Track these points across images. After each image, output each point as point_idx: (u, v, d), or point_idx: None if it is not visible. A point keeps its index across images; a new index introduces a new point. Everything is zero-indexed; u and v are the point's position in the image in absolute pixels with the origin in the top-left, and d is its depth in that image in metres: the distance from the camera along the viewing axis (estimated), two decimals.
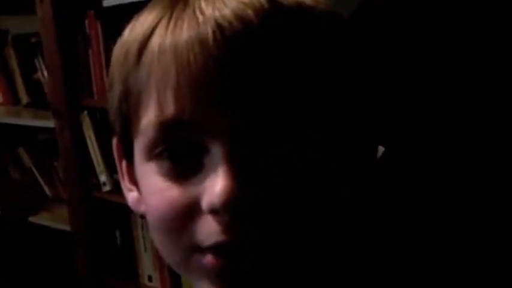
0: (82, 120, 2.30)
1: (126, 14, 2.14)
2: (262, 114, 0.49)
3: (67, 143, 2.34)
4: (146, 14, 0.56)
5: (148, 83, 0.52)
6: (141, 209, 0.62)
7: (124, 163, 0.64)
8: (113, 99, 0.59)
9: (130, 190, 0.64)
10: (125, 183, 0.65)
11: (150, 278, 2.35)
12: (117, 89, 0.57)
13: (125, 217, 2.36)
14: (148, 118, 0.53)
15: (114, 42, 2.09)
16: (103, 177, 2.32)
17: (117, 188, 2.30)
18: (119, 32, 2.12)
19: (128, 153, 0.60)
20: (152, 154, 0.54)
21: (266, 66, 0.49)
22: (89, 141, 2.31)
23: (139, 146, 0.56)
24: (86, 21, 2.22)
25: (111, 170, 2.30)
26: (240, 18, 0.49)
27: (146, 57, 0.53)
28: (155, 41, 0.52)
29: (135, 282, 2.39)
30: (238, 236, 0.50)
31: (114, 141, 0.65)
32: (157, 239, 0.57)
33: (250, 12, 0.50)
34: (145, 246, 2.32)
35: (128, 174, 0.63)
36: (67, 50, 2.25)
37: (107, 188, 2.32)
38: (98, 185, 2.34)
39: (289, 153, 0.51)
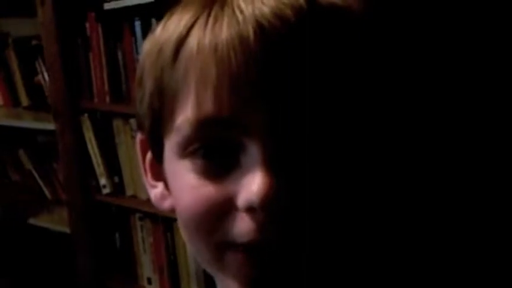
0: (82, 123, 2.30)
1: (127, 16, 2.15)
2: (299, 113, 0.50)
3: (67, 146, 2.35)
4: (180, 12, 0.56)
5: (185, 81, 0.53)
6: (165, 205, 0.62)
7: (148, 159, 0.64)
8: (143, 96, 0.59)
9: (153, 187, 0.64)
10: (148, 180, 0.65)
11: (149, 281, 2.35)
12: (148, 86, 0.58)
13: (124, 219, 2.36)
14: (185, 115, 0.53)
15: (114, 44, 2.10)
16: (103, 180, 2.32)
17: (117, 191, 2.31)
18: (119, 34, 2.13)
19: (155, 151, 0.60)
20: (186, 152, 0.54)
21: (302, 65, 0.50)
22: (89, 144, 2.31)
23: (171, 144, 0.56)
24: (87, 24, 2.22)
25: (111, 172, 2.31)
26: (280, 17, 0.50)
27: (184, 56, 0.53)
28: (193, 39, 0.53)
29: (135, 285, 2.39)
30: (272, 236, 0.51)
31: (138, 136, 0.65)
32: (188, 236, 0.57)
33: (289, 11, 0.50)
34: (145, 248, 2.32)
35: (152, 171, 0.64)
36: (68, 53, 2.26)
37: (106, 191, 2.32)
38: (98, 188, 2.34)
39: (325, 154, 0.51)
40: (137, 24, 2.05)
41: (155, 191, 0.64)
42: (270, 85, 0.49)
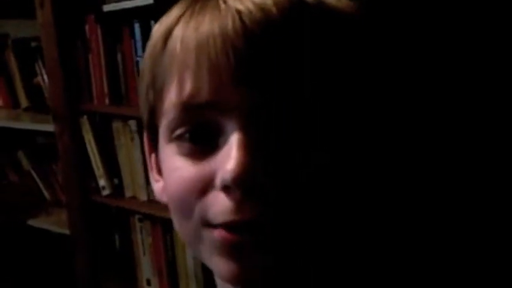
0: (82, 125, 2.30)
1: (126, 18, 2.15)
2: (275, 96, 0.51)
3: (66, 147, 2.35)
4: (174, 8, 0.59)
5: (170, 67, 0.56)
6: (165, 198, 0.63)
7: (153, 155, 0.65)
8: (142, 91, 0.62)
9: (157, 181, 0.66)
10: (153, 175, 0.66)
11: (148, 282, 2.35)
12: (145, 78, 0.60)
13: (124, 221, 2.36)
14: (170, 99, 0.55)
15: (113, 46, 2.10)
16: (102, 181, 2.32)
17: (116, 192, 2.31)
18: (118, 36, 2.13)
19: (154, 143, 0.62)
20: (173, 135, 0.56)
21: (282, 55, 0.51)
22: (88, 145, 2.31)
23: (162, 129, 0.58)
24: (86, 26, 2.22)
25: (110, 174, 2.31)
26: (261, 8, 0.52)
27: (170, 45, 0.56)
28: (179, 29, 0.56)
29: (134, 286, 2.39)
30: (249, 215, 0.51)
31: (145, 134, 0.66)
32: (175, 219, 0.59)
33: (271, 4, 0.52)
34: (144, 250, 2.33)
35: (156, 166, 0.65)
36: (67, 54, 2.26)
37: (106, 192, 2.33)
38: (97, 189, 2.34)
39: (301, 136, 0.52)
40: (136, 26, 2.05)
41: (158, 184, 0.65)
42: (245, 70, 0.51)
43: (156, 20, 0.60)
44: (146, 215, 2.24)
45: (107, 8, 2.11)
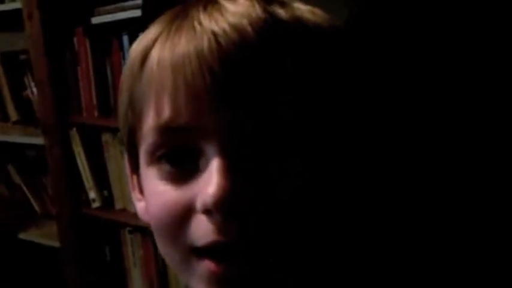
0: (71, 137, 2.30)
1: (115, 31, 2.15)
2: (252, 117, 0.51)
3: (56, 160, 2.34)
4: (152, 27, 0.59)
5: (148, 90, 0.55)
6: (147, 218, 0.62)
7: (135, 176, 0.65)
8: (121, 110, 0.61)
9: (139, 200, 0.65)
10: (135, 194, 0.66)
11: None
12: (124, 98, 0.60)
13: (114, 233, 2.36)
14: (148, 123, 0.55)
15: (102, 59, 2.10)
16: (92, 194, 2.32)
17: (106, 205, 2.31)
18: (107, 49, 2.13)
19: (135, 163, 0.62)
20: (153, 158, 0.56)
21: (258, 75, 0.51)
22: (78, 158, 2.31)
23: (142, 152, 0.58)
24: (75, 39, 2.22)
25: (100, 186, 2.31)
26: (236, 29, 0.51)
27: (147, 67, 0.56)
28: (155, 51, 0.55)
29: None
30: (231, 237, 0.51)
31: (126, 154, 0.66)
32: (159, 243, 0.59)
33: (245, 23, 0.52)
34: (135, 262, 2.32)
35: (138, 185, 0.65)
36: (56, 67, 2.26)
37: (96, 205, 2.32)
38: (87, 202, 2.34)
39: (282, 160, 0.52)
40: (125, 38, 2.06)
41: (140, 204, 0.65)
42: (223, 93, 0.51)
43: None
44: (137, 227, 2.23)
45: (95, 20, 2.11)
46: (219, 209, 0.50)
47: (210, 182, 0.51)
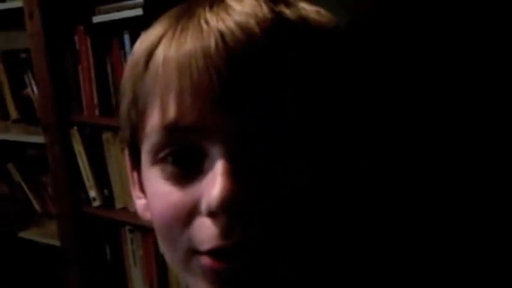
0: (71, 136, 2.30)
1: (116, 30, 2.15)
2: (258, 118, 0.51)
3: (56, 158, 2.34)
4: (156, 25, 0.58)
5: (153, 89, 0.54)
6: (148, 216, 0.62)
7: (135, 173, 0.65)
8: (123, 108, 0.61)
9: (139, 198, 0.65)
10: (135, 192, 0.66)
11: None
12: (127, 96, 0.59)
13: (114, 232, 2.36)
14: (153, 123, 0.54)
15: (103, 58, 2.10)
16: (92, 193, 2.32)
17: (106, 204, 2.31)
18: (108, 47, 2.13)
19: (136, 161, 0.61)
20: (157, 158, 0.55)
21: (265, 75, 0.50)
22: (78, 157, 2.31)
23: (145, 151, 0.57)
24: (76, 37, 2.22)
25: (101, 185, 2.31)
26: (243, 28, 0.51)
27: (152, 65, 0.55)
28: (161, 49, 0.54)
29: None
30: (235, 240, 0.51)
31: (126, 151, 0.66)
32: (160, 242, 0.58)
33: (253, 23, 0.51)
34: (135, 261, 2.32)
35: (138, 183, 0.64)
36: (56, 66, 2.26)
37: (96, 203, 2.32)
38: (88, 200, 2.34)
39: (287, 160, 0.52)
40: (126, 37, 2.05)
41: (140, 202, 0.65)
42: (229, 94, 0.50)
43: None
44: (137, 226, 2.23)
45: (96, 19, 2.11)
46: (223, 211, 0.50)
47: (214, 184, 0.50)
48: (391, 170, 1.49)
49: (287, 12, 0.54)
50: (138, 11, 1.94)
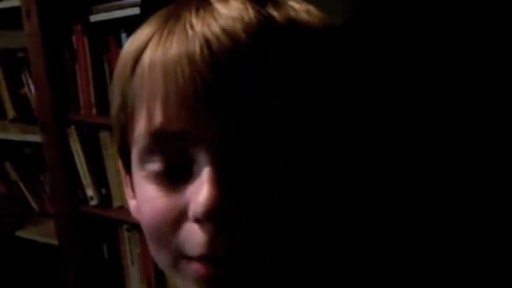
0: (69, 135, 2.30)
1: (113, 29, 2.14)
2: (245, 124, 0.50)
3: (54, 158, 2.34)
4: (144, 28, 0.58)
5: (140, 94, 0.54)
6: (139, 216, 0.62)
7: (127, 175, 0.65)
8: (113, 111, 0.60)
9: (131, 198, 0.65)
10: (128, 191, 0.66)
11: None
12: (116, 100, 0.59)
13: (112, 231, 2.36)
14: (140, 127, 0.54)
15: (100, 57, 2.10)
16: (90, 192, 2.32)
17: (104, 203, 2.31)
18: (105, 46, 2.13)
19: (127, 162, 0.61)
20: (145, 163, 0.55)
21: (251, 79, 0.50)
22: (75, 156, 2.31)
23: (134, 155, 0.57)
24: (73, 36, 2.22)
25: (98, 184, 2.31)
26: (228, 33, 0.50)
27: (139, 70, 0.55)
28: (147, 54, 0.54)
29: None
30: (224, 248, 0.51)
31: (118, 153, 0.66)
32: (150, 245, 0.58)
33: (239, 27, 0.50)
34: (133, 260, 2.32)
35: (131, 184, 0.64)
36: (54, 65, 2.26)
37: (94, 202, 2.32)
38: (85, 199, 2.34)
39: (275, 164, 0.51)
40: (123, 36, 2.05)
41: (132, 202, 0.65)
42: (215, 100, 0.50)
43: None
44: (134, 224, 2.23)
45: (93, 18, 2.11)
46: (209, 219, 0.50)
47: (201, 190, 0.50)
48: (389, 169, 1.49)
49: (275, 14, 0.53)
50: (136, 10, 1.94)
